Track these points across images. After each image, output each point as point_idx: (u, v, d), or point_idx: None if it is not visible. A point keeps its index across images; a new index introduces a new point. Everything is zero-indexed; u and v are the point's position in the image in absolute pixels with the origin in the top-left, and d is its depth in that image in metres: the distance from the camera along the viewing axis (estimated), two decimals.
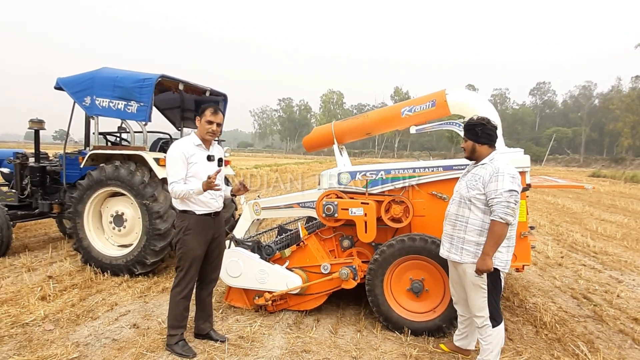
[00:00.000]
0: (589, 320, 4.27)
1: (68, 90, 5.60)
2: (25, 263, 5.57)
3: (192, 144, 3.26)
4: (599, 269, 6.15)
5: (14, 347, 3.36)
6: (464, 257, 2.95)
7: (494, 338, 2.96)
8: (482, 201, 2.88)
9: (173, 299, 3.32)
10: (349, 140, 5.08)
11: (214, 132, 3.28)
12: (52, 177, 6.45)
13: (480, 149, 3.01)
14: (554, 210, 12.49)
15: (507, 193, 2.75)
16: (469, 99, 4.41)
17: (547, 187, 4.37)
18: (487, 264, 2.80)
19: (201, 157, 3.27)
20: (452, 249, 3.04)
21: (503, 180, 2.77)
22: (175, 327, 3.34)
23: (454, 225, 3.03)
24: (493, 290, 2.93)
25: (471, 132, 3.02)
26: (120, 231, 5.43)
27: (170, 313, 3.35)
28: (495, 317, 2.95)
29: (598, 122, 71.25)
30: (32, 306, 4.14)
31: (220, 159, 3.44)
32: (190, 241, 3.25)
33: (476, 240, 2.90)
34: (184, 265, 3.28)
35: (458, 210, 3.01)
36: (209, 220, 3.34)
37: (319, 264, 4.05)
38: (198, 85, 6.09)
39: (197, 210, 3.26)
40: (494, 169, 2.85)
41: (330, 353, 3.41)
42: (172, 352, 3.30)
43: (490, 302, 2.94)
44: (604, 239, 8.40)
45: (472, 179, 2.96)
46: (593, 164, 57.94)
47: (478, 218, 2.90)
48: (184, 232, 3.26)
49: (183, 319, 3.37)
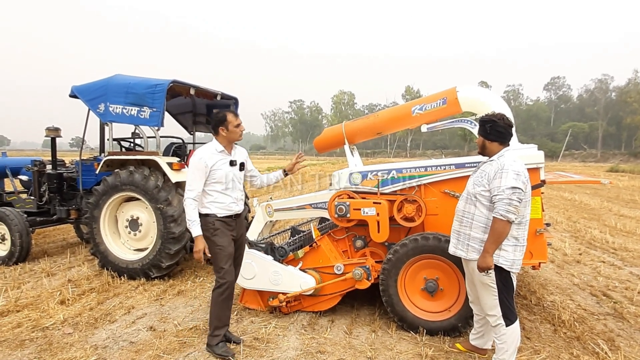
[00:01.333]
0: (609, 317, 4.18)
1: (82, 98, 5.71)
2: (45, 268, 5.69)
3: (214, 150, 3.33)
4: (618, 266, 6.02)
5: (35, 351, 3.43)
6: (469, 254, 2.94)
7: (508, 337, 2.92)
8: (487, 198, 2.85)
9: (215, 301, 3.36)
10: (360, 140, 5.07)
11: (242, 132, 3.40)
12: (69, 184, 6.57)
13: (490, 145, 2.98)
14: (572, 207, 12.27)
15: (509, 190, 2.71)
16: (480, 96, 4.37)
17: (562, 182, 4.30)
18: (486, 262, 2.77)
19: (224, 163, 3.34)
20: (458, 245, 3.05)
21: (507, 177, 2.74)
22: (220, 327, 3.39)
23: (460, 221, 3.04)
24: (503, 289, 2.88)
25: (481, 129, 3.02)
26: (136, 235, 5.51)
27: (213, 314, 3.39)
28: (509, 316, 2.90)
29: (615, 116, 69.69)
30: (52, 310, 4.23)
31: (242, 163, 3.50)
32: (220, 240, 3.31)
33: (481, 237, 2.88)
34: (219, 264, 3.32)
35: (465, 207, 3.01)
36: (231, 221, 3.40)
37: (332, 265, 4.05)
38: (209, 90, 6.15)
39: (218, 214, 3.33)
40: (499, 166, 2.83)
41: (345, 354, 3.40)
42: (212, 352, 3.34)
43: (501, 301, 2.89)
44: (624, 234, 8.22)
45: (479, 175, 2.97)
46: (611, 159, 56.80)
47: (483, 215, 2.88)
48: (212, 233, 3.30)
49: (227, 318, 3.44)
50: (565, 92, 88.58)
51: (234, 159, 3.40)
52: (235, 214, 3.43)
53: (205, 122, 7.05)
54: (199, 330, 3.80)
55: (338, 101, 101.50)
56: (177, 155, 6.36)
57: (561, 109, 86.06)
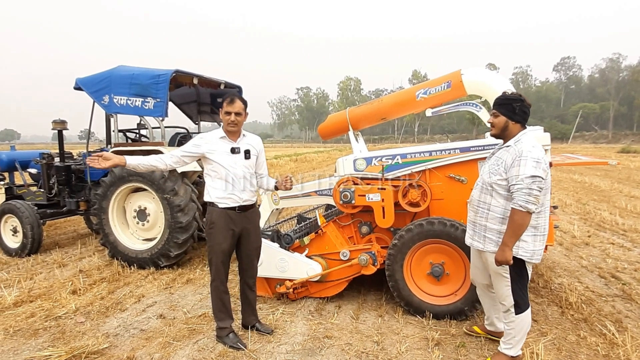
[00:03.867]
0: (617, 299, 4.16)
1: (87, 90, 5.73)
2: (57, 259, 5.79)
3: (216, 136, 3.27)
4: (628, 247, 5.97)
5: (49, 339, 3.51)
6: (486, 246, 2.83)
7: (517, 324, 2.86)
8: (504, 187, 2.70)
9: (211, 294, 3.38)
10: (365, 126, 5.04)
11: (234, 122, 3.19)
12: (77, 176, 6.63)
13: (512, 127, 2.79)
14: (581, 189, 12.15)
15: (529, 179, 2.55)
16: (485, 78, 4.31)
17: (569, 164, 4.24)
18: (505, 256, 2.62)
19: (223, 148, 3.23)
20: (475, 236, 2.94)
21: (525, 165, 2.57)
22: (221, 319, 3.37)
23: (476, 211, 2.91)
24: (517, 279, 2.79)
25: (506, 107, 2.78)
26: (144, 225, 5.57)
27: (212, 306, 3.41)
28: (520, 305, 2.82)
29: (627, 96, 68.39)
30: (64, 300, 4.31)
31: (248, 150, 3.31)
32: (216, 235, 3.24)
33: (498, 228, 2.76)
34: (211, 259, 3.30)
35: (480, 197, 2.88)
36: (233, 214, 3.25)
37: (338, 251, 4.06)
38: (212, 79, 6.14)
39: (219, 204, 3.24)
40: (517, 152, 2.65)
41: (352, 338, 3.44)
42: (223, 344, 3.34)
43: (514, 291, 2.81)
44: (634, 216, 8.14)
45: (495, 163, 2.81)
46: (622, 140, 55.95)
47: (500, 205, 2.74)
48: (209, 227, 3.27)
49: (225, 310, 3.38)
50: (576, 73, 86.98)
51: (236, 146, 3.26)
52: (240, 207, 3.28)
53: (210, 112, 7.05)
54: (208, 318, 3.86)
55: (344, 87, 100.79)
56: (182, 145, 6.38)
57: (571, 90, 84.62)
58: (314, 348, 3.29)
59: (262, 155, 3.52)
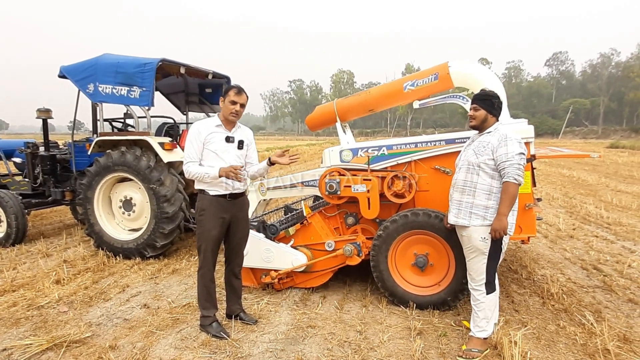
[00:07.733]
0: (598, 290, 4.23)
1: (71, 78, 5.65)
2: (41, 249, 5.74)
3: (212, 124, 3.27)
4: (611, 240, 6.05)
5: (30, 328, 3.48)
6: (472, 221, 3.01)
7: (487, 305, 3.03)
8: (490, 166, 2.97)
9: (198, 281, 3.37)
10: (352, 117, 5.04)
11: (237, 113, 3.24)
12: (63, 165, 6.57)
13: (490, 119, 3.12)
14: (569, 183, 12.28)
15: (517, 156, 2.87)
16: (472, 71, 4.31)
17: (552, 157, 4.28)
18: (503, 224, 2.87)
19: (219, 137, 3.25)
20: (459, 214, 3.09)
21: (512, 144, 2.90)
22: (206, 308, 3.37)
23: (462, 191, 3.09)
24: (494, 256, 2.99)
25: (487, 103, 3.10)
26: (130, 215, 5.53)
27: (198, 295, 3.40)
28: (491, 283, 3.02)
29: (617, 92, 68.97)
30: (47, 289, 4.28)
31: (242, 141, 3.36)
32: (206, 222, 3.26)
33: (484, 204, 2.98)
34: (200, 246, 3.30)
35: (466, 177, 3.08)
36: (224, 201, 3.28)
37: (323, 242, 4.07)
38: (200, 68, 6.07)
39: (210, 191, 3.26)
40: (501, 135, 2.98)
41: (336, 328, 3.45)
42: (207, 333, 3.35)
43: (488, 268, 3.00)
44: (619, 209, 8.25)
45: (480, 145, 3.05)
46: (612, 135, 56.45)
47: (486, 182, 2.98)
48: (199, 213, 3.28)
49: (210, 299, 3.39)
50: (568, 68, 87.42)
51: (231, 135, 3.29)
52: (231, 194, 3.31)
53: (197, 102, 6.99)
54: (192, 307, 3.85)
55: (337, 80, 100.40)
56: (169, 136, 6.34)
57: (562, 86, 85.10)
58: (297, 337, 3.31)
59: (252, 145, 3.55)
